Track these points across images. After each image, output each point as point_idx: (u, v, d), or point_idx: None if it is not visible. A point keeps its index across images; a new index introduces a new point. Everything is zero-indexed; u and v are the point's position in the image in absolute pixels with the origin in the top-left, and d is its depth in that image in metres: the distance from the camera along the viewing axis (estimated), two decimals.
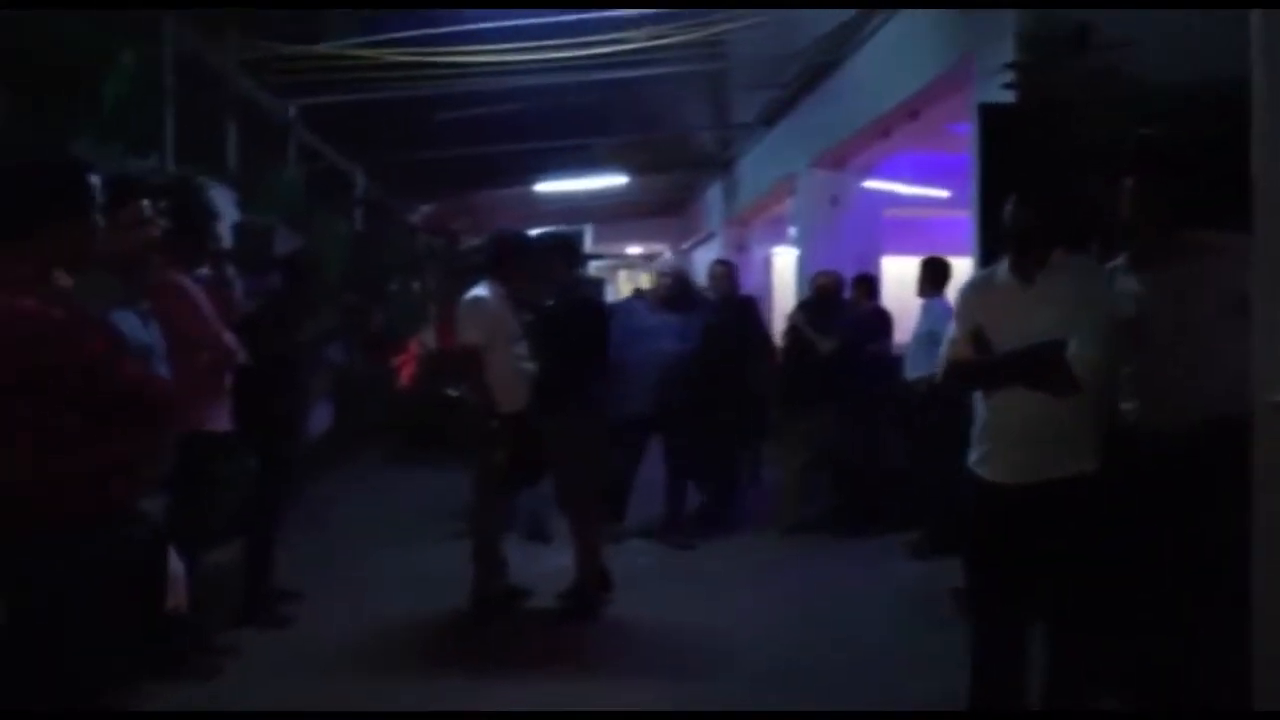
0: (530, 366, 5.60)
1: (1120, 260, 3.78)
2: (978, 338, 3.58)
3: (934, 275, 7.18)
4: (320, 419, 9.85)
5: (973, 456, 3.67)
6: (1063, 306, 3.45)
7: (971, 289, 3.83)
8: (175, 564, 3.79)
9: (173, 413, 2.87)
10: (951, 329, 3.76)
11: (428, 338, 13.43)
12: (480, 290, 5.62)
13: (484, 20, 7.94)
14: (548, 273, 5.78)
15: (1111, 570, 3.52)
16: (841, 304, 8.09)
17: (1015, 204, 3.62)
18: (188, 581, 4.05)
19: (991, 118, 5.78)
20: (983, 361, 3.57)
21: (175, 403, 2.85)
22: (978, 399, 3.68)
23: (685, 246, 19.23)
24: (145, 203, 3.60)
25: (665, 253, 19.23)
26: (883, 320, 8.08)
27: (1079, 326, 3.41)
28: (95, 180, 2.76)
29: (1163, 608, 3.57)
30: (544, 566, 6.39)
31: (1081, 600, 3.52)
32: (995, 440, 3.58)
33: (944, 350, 3.74)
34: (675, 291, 7.57)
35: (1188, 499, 3.48)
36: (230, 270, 5.47)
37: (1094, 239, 4.46)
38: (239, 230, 7.79)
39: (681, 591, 6.25)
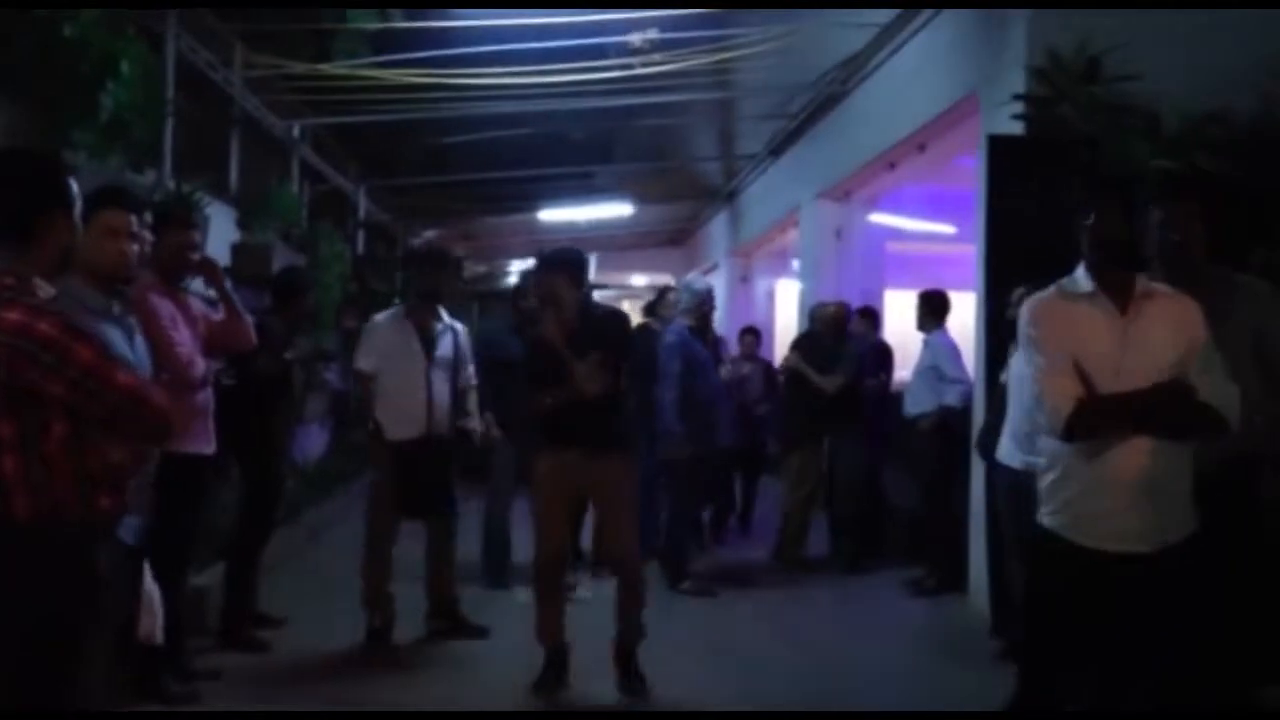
0: (421, 395, 5.33)
1: None
2: (1080, 372, 2.95)
3: (934, 309, 7.06)
4: (316, 442, 9.75)
5: (1058, 518, 3.05)
6: (1168, 341, 2.96)
7: (1055, 310, 3.11)
8: (151, 588, 3.70)
9: (169, 427, 2.73)
10: (1038, 360, 3.05)
11: None
12: (381, 315, 5.67)
13: (492, 44, 7.91)
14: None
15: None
16: (846, 335, 7.91)
17: (1111, 212, 3.02)
18: (165, 607, 3.98)
19: (1000, 149, 5.71)
20: (1133, 399, 2.89)
21: (170, 416, 2.70)
22: (1058, 450, 3.07)
23: (689, 277, 19.13)
24: (132, 216, 3.48)
25: (692, 273, 19.16)
26: (885, 355, 7.97)
27: (1205, 365, 2.96)
28: (74, 183, 2.67)
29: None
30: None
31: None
32: (1106, 498, 2.94)
33: (1046, 386, 2.99)
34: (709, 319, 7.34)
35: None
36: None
37: None
38: (236, 249, 7.73)
39: (678, 629, 6.09)
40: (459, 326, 5.64)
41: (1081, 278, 3.10)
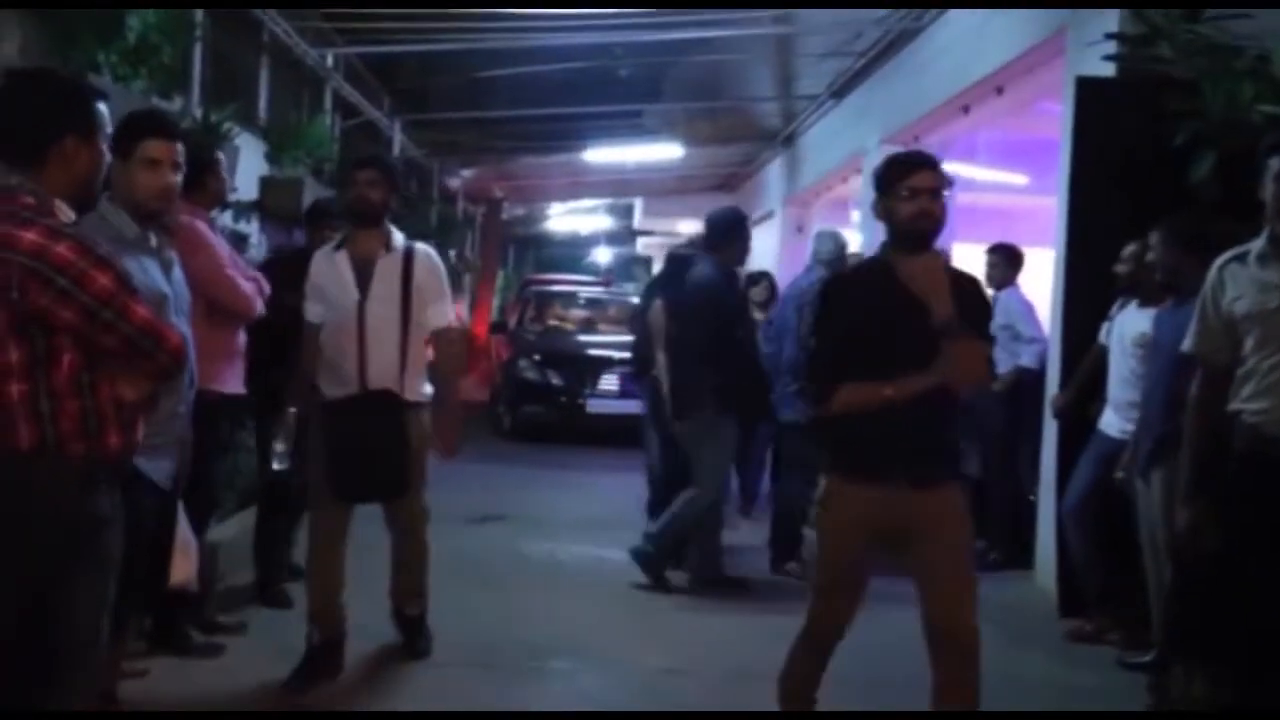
0: (352, 342, 4.27)
1: (1258, 246, 3.43)
2: None
3: (1009, 264, 6.94)
4: None
5: None
6: None
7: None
8: (186, 536, 3.73)
9: (182, 366, 2.79)
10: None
11: (462, 310, 13.37)
12: (320, 249, 4.59)
13: None
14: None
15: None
16: None
17: None
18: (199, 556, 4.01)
19: (1089, 92, 5.56)
20: None
21: (185, 356, 2.77)
22: None
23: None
24: (175, 145, 3.45)
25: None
26: None
27: None
28: (103, 108, 2.67)
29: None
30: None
31: None
32: None
33: None
34: None
35: None
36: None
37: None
38: (265, 183, 7.73)
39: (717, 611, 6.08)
40: (421, 248, 4.48)
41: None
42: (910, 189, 3.24)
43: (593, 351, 11.77)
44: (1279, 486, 3.29)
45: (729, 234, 6.15)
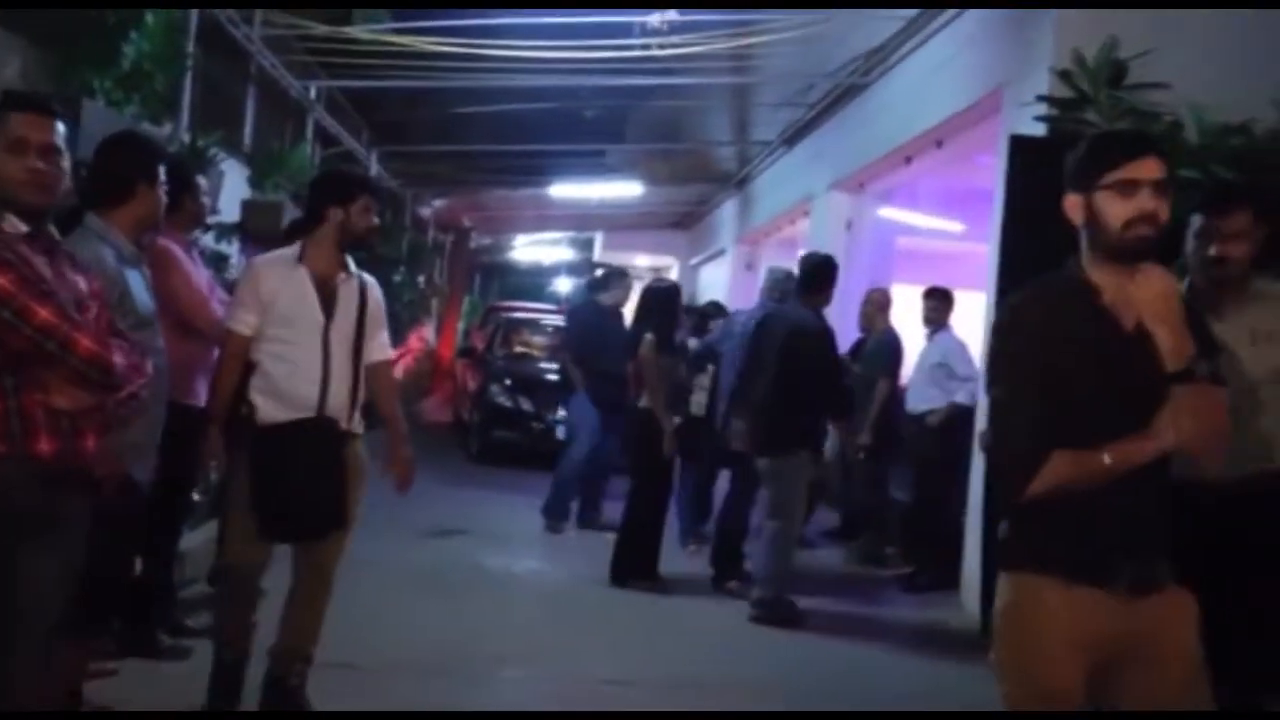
0: (315, 366, 3.76)
1: None
2: None
3: (947, 306, 7.06)
4: None
5: None
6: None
7: None
8: None
9: (106, 374, 2.56)
10: None
11: (429, 333, 13.32)
12: (265, 256, 4.01)
13: (510, 14, 7.89)
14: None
15: None
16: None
17: (1227, 209, 3.27)
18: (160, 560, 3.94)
19: (1021, 150, 5.67)
20: None
21: (106, 362, 2.55)
22: None
23: (694, 262, 19.13)
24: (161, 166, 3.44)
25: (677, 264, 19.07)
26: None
27: None
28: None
29: None
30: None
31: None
32: None
33: None
34: None
35: (1245, 551, 3.27)
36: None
37: None
38: (247, 206, 7.70)
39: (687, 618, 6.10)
40: (369, 279, 4.04)
41: None
42: (1124, 181, 2.30)
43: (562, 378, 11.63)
44: (1191, 520, 3.38)
45: (822, 280, 6.10)
